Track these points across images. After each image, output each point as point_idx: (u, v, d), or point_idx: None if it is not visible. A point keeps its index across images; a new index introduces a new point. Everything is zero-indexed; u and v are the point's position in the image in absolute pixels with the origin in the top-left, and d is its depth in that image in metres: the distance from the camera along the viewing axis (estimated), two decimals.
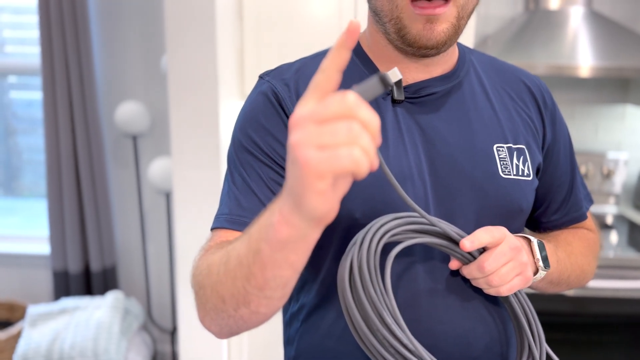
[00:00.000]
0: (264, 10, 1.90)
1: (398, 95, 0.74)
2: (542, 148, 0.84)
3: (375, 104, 0.75)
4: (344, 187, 0.47)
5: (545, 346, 0.74)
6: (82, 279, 2.45)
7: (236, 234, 0.71)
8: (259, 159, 0.74)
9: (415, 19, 0.68)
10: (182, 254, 1.86)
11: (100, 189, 2.39)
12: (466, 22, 0.71)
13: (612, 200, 2.30)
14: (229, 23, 1.84)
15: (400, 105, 0.75)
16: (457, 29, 0.70)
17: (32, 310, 2.17)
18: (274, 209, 0.53)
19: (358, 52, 0.80)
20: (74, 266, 2.42)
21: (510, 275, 0.69)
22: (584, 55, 1.89)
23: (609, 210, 2.30)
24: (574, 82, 2.34)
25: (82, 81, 2.30)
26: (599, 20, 2.01)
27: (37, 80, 2.52)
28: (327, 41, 1.92)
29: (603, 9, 2.24)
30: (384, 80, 0.47)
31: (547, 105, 0.84)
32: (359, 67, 0.78)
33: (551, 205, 0.88)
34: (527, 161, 0.79)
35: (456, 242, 0.69)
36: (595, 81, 2.33)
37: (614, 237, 2.04)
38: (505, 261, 0.69)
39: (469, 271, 0.71)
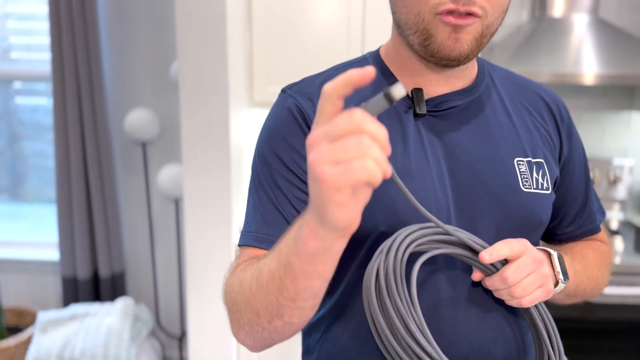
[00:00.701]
0: (272, 19, 1.92)
1: (420, 109, 0.75)
2: (559, 162, 0.85)
3: (398, 117, 0.76)
4: (364, 198, 0.49)
5: (565, 358, 0.75)
6: (91, 285, 2.46)
7: (263, 251, 0.73)
8: (283, 176, 0.75)
9: (443, 28, 0.69)
10: (192, 259, 1.88)
11: (110, 195, 2.40)
12: (488, 41, 0.73)
13: (618, 206, 2.31)
14: (238, 31, 1.86)
15: (423, 118, 0.77)
16: (480, 45, 0.72)
17: (43, 316, 2.18)
18: (301, 224, 0.55)
19: (380, 65, 0.81)
20: (83, 272, 2.43)
21: (532, 287, 0.70)
22: (589, 63, 1.90)
23: (615, 216, 2.31)
24: (580, 89, 2.35)
25: (91, 88, 2.31)
26: (604, 28, 2.03)
27: (43, 86, 2.54)
28: (335, 50, 1.95)
29: (609, 17, 2.26)
30: (388, 97, 0.50)
31: (564, 120, 0.86)
32: (381, 80, 0.79)
33: (566, 217, 0.89)
34: (546, 175, 0.80)
35: (477, 252, 0.70)
36: (601, 88, 2.34)
37: (620, 243, 2.05)
38: (527, 273, 0.69)
39: (491, 282, 0.71)
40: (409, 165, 0.74)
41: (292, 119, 0.76)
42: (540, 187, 0.79)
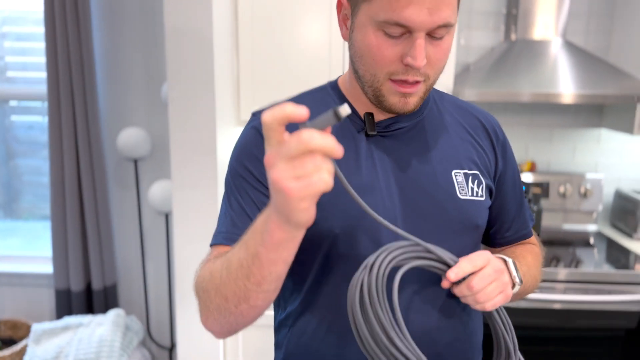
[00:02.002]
0: (258, 43, 2.02)
1: (370, 130, 0.87)
2: (495, 175, 0.97)
3: (352, 137, 0.88)
4: (317, 199, 0.61)
5: (519, 353, 0.85)
6: (84, 297, 2.52)
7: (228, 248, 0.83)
8: (252, 185, 0.86)
9: (394, 93, 0.81)
10: (181, 271, 1.94)
11: (102, 210, 2.47)
12: (429, 92, 0.86)
13: (590, 218, 2.41)
14: (225, 55, 1.96)
15: (373, 138, 0.88)
16: (423, 99, 0.85)
17: (37, 327, 2.24)
18: (266, 220, 0.65)
19: (338, 95, 0.93)
20: (76, 285, 2.49)
21: (494, 293, 0.80)
22: (564, 83, 1.99)
23: (588, 228, 2.41)
24: (552, 108, 2.46)
25: (86, 107, 2.39)
26: (574, 51, 2.14)
27: (38, 104, 2.60)
28: (318, 71, 2.05)
29: (577, 41, 2.39)
30: (336, 114, 0.59)
31: (499, 139, 0.98)
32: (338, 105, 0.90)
33: (504, 224, 1.01)
34: (482, 184, 0.92)
35: (445, 263, 0.80)
36: (572, 107, 2.45)
37: (593, 253, 2.14)
38: (490, 281, 0.79)
39: (459, 290, 0.80)
40: (361, 178, 0.85)
41: (258, 136, 0.87)
42: (475, 195, 0.90)
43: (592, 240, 2.29)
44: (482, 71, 2.15)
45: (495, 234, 1.02)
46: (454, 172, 0.89)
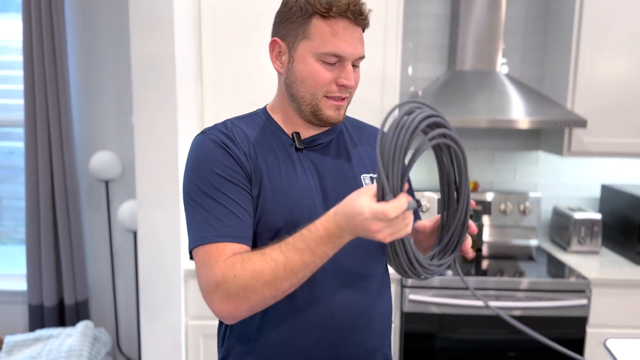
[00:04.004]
0: (221, 72, 2.19)
1: (299, 145, 1.10)
2: None
3: (286, 151, 1.09)
4: None
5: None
6: (57, 311, 2.62)
7: (229, 245, 0.97)
8: (226, 186, 1.01)
9: (330, 107, 1.06)
10: (145, 286, 2.06)
11: (75, 229, 2.59)
12: None
13: (532, 234, 2.60)
14: (190, 83, 2.11)
15: (301, 152, 1.11)
16: (346, 111, 1.12)
17: (9, 339, 2.34)
18: (341, 234, 0.88)
19: (268, 118, 1.14)
20: (49, 300, 2.59)
21: None
22: (509, 110, 2.18)
23: (530, 243, 2.59)
24: (494, 132, 2.66)
25: (60, 133, 2.52)
26: (510, 80, 2.35)
27: (20, 130, 2.71)
28: None
29: (514, 71, 2.60)
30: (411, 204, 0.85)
31: None
32: (270, 128, 1.12)
33: None
34: None
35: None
36: (513, 131, 2.66)
37: (534, 266, 2.31)
38: None
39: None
40: (297, 182, 1.06)
41: (219, 147, 1.04)
42: None
43: (534, 254, 2.46)
44: (427, 98, 2.33)
45: None
46: (362, 176, 1.13)
